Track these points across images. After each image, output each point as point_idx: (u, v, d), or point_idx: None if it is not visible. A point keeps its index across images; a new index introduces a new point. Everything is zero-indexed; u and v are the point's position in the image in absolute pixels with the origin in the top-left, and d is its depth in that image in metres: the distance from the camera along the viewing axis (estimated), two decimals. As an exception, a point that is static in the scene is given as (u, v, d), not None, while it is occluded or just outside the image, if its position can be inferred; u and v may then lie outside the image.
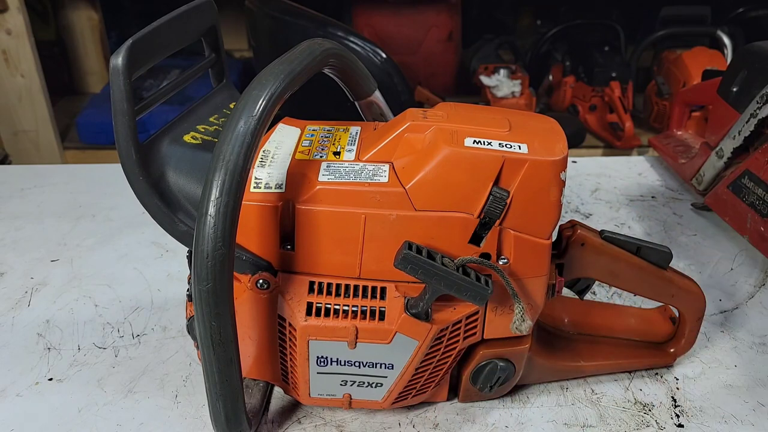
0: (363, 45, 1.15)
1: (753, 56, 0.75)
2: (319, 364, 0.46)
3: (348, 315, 0.45)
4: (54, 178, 0.91)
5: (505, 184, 0.43)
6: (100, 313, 0.64)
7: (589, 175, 0.94)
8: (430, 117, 0.45)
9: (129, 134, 0.41)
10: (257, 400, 0.51)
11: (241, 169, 0.37)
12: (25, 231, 0.78)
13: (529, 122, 0.47)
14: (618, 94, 1.87)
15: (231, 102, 0.53)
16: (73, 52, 2.17)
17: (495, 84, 1.95)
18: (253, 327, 0.47)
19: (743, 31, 2.01)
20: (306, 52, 0.43)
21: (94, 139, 1.88)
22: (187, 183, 0.45)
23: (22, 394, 0.54)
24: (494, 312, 0.47)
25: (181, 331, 0.61)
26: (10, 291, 0.67)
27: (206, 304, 0.38)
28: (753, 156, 0.71)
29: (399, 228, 0.43)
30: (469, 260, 0.43)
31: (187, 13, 0.46)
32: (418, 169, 0.43)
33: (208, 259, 0.37)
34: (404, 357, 0.46)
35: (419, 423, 0.52)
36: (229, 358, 0.41)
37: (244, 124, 0.38)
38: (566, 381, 0.56)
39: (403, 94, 1.24)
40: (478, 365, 0.50)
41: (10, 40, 1.69)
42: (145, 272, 0.71)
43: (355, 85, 0.54)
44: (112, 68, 0.40)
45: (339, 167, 0.44)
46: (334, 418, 0.52)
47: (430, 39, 2.08)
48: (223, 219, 0.37)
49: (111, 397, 0.54)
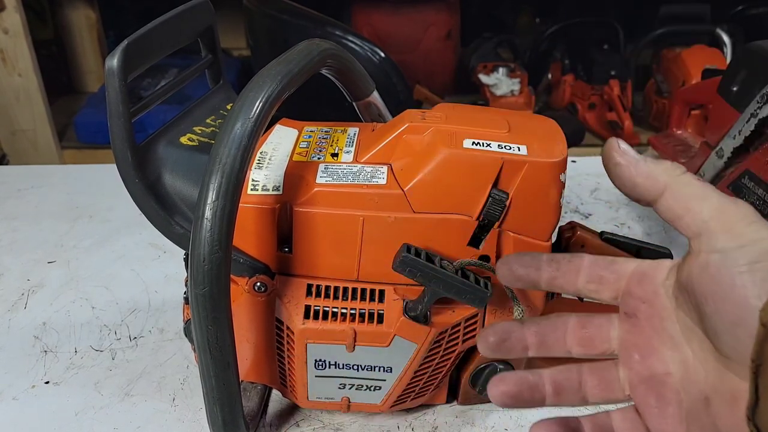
0: (361, 44, 1.15)
1: (753, 55, 0.74)
2: (317, 368, 0.46)
3: (346, 318, 0.44)
4: (51, 178, 0.91)
5: (504, 185, 0.42)
6: (97, 315, 0.64)
7: (589, 174, 0.94)
8: (429, 118, 0.45)
9: (125, 136, 0.41)
10: (255, 404, 0.51)
11: (238, 172, 0.37)
12: (22, 232, 0.78)
13: (529, 123, 0.46)
14: (617, 92, 1.87)
15: (228, 103, 0.53)
16: (71, 51, 2.16)
17: (494, 82, 1.95)
18: (250, 330, 0.46)
19: (743, 29, 2.00)
20: (304, 52, 0.43)
21: (92, 138, 1.88)
22: (183, 185, 0.45)
23: (18, 397, 0.54)
24: (494, 314, 0.47)
25: (178, 333, 0.61)
26: (6, 293, 0.67)
27: (203, 308, 0.38)
28: (753, 156, 0.70)
29: (397, 230, 0.43)
30: (468, 263, 0.43)
31: (183, 14, 0.45)
32: (416, 170, 0.43)
33: (205, 263, 0.37)
34: (403, 360, 0.46)
35: (418, 426, 0.51)
36: (227, 361, 0.41)
37: (240, 126, 0.37)
38: (566, 383, 0.56)
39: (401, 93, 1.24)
40: (478, 368, 0.49)
41: (8, 39, 1.69)
42: (143, 274, 0.70)
43: (353, 86, 0.54)
44: (107, 70, 0.39)
45: (337, 169, 0.44)
46: (332, 421, 0.52)
47: (429, 37, 2.07)
48: (219, 222, 0.37)
49: (108, 400, 0.54)
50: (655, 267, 0.34)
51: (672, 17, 2.00)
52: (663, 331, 0.33)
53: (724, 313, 0.28)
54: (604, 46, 2.03)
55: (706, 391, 0.30)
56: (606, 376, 0.35)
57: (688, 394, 0.31)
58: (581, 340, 0.36)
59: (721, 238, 0.29)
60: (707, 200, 0.30)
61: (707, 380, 0.30)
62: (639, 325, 0.34)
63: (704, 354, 0.30)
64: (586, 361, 0.36)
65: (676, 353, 0.32)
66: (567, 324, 0.36)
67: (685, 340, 0.32)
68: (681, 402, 0.32)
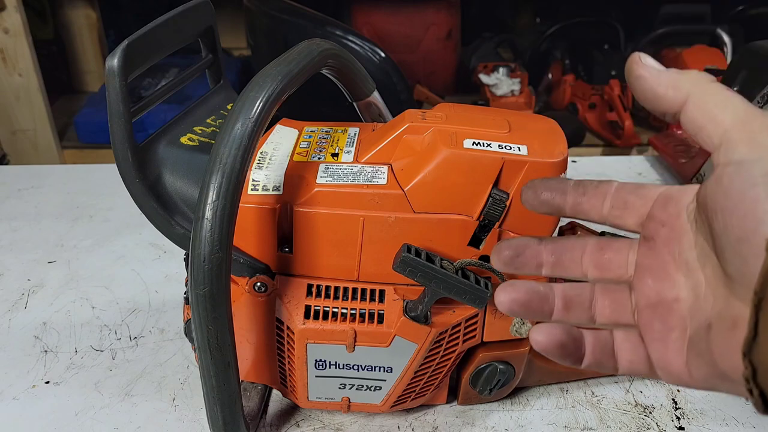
0: (362, 44, 1.15)
1: (753, 56, 0.74)
2: (317, 368, 0.46)
3: (346, 318, 0.44)
4: (51, 178, 0.91)
5: (504, 185, 0.42)
6: (97, 315, 0.64)
7: (589, 174, 0.93)
8: (429, 118, 0.45)
9: (125, 136, 0.41)
10: (255, 404, 0.51)
11: (238, 172, 0.37)
12: (22, 232, 0.78)
13: (529, 123, 0.46)
14: (617, 92, 1.87)
15: (228, 103, 0.53)
16: (71, 50, 2.16)
17: (494, 82, 1.95)
18: (250, 330, 0.46)
19: (743, 29, 2.01)
20: (304, 52, 0.43)
21: (93, 138, 1.88)
22: (183, 185, 0.45)
23: (18, 397, 0.54)
24: (494, 315, 0.47)
25: (178, 333, 0.61)
26: (6, 293, 0.67)
27: (203, 308, 0.38)
28: (754, 156, 0.70)
29: (398, 230, 0.43)
30: (469, 263, 0.43)
31: (184, 14, 0.45)
32: (416, 170, 0.43)
33: (205, 263, 0.37)
34: (403, 360, 0.46)
35: (418, 426, 0.51)
36: (227, 362, 0.40)
37: (241, 126, 0.37)
38: (566, 383, 0.56)
39: (402, 93, 1.24)
40: (478, 368, 0.49)
41: (8, 39, 1.69)
42: (143, 274, 0.70)
43: (354, 86, 0.54)
44: (108, 70, 0.39)
45: (337, 169, 0.44)
46: (332, 422, 0.52)
47: (430, 37, 2.07)
48: (220, 222, 0.37)
49: (108, 400, 0.53)
50: (683, 191, 0.32)
51: (672, 17, 2.00)
52: (679, 255, 0.31)
53: (731, 229, 0.26)
54: (605, 46, 2.03)
55: (710, 318, 0.29)
56: (618, 298, 0.34)
57: (694, 321, 0.30)
58: (598, 262, 0.34)
59: (740, 148, 0.27)
60: (732, 109, 0.28)
61: (714, 307, 0.29)
62: (656, 249, 0.32)
63: (716, 281, 0.29)
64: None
65: (689, 279, 0.30)
66: (585, 246, 0.35)
67: (699, 265, 0.30)
68: (685, 329, 0.30)
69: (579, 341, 0.34)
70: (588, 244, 0.35)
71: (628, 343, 0.33)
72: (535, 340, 0.33)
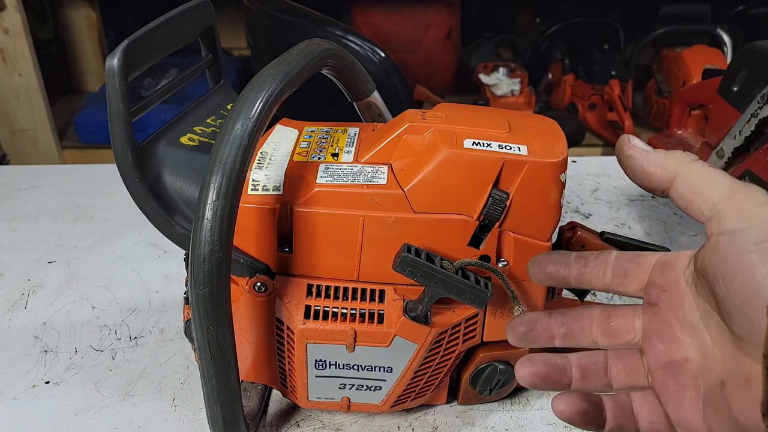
0: (362, 44, 1.14)
1: (754, 55, 0.74)
2: (317, 368, 0.46)
3: (346, 318, 0.44)
4: (51, 178, 0.91)
5: (504, 185, 0.42)
6: (97, 315, 0.64)
7: (589, 174, 0.93)
8: (429, 118, 0.45)
9: (125, 136, 0.41)
10: (255, 404, 0.51)
11: (238, 172, 0.37)
12: (22, 232, 0.78)
13: (529, 123, 0.46)
14: (617, 92, 1.87)
15: (228, 103, 0.53)
16: (71, 50, 2.16)
17: (494, 82, 1.95)
18: (250, 330, 0.46)
19: (743, 29, 2.01)
20: (304, 52, 0.43)
21: (93, 138, 1.88)
22: (183, 185, 0.45)
23: (18, 397, 0.54)
24: (494, 315, 0.47)
25: (178, 333, 0.61)
26: (6, 293, 0.67)
27: (203, 308, 0.38)
28: (754, 156, 0.70)
29: (398, 230, 0.43)
30: (469, 263, 0.43)
31: (184, 14, 0.45)
32: (417, 170, 0.43)
33: (205, 263, 0.37)
34: (403, 360, 0.45)
35: (418, 426, 0.51)
36: (227, 362, 0.40)
37: (241, 126, 0.37)
38: (566, 383, 0.56)
39: (402, 93, 1.24)
40: (478, 368, 0.49)
41: (8, 39, 1.69)
42: (143, 274, 0.70)
43: (354, 86, 0.54)
44: (108, 70, 0.39)
45: (337, 169, 0.44)
46: (332, 422, 0.52)
47: (430, 37, 2.08)
48: (219, 222, 0.37)
49: (108, 400, 0.53)
50: (677, 256, 0.34)
51: (672, 17, 2.00)
52: (683, 318, 0.33)
53: (734, 293, 0.28)
54: (605, 46, 2.03)
55: (722, 375, 0.30)
56: (631, 362, 0.36)
57: (705, 379, 0.32)
58: (607, 330, 0.36)
59: (731, 219, 0.29)
60: (718, 184, 0.31)
61: (724, 364, 0.30)
62: (660, 313, 0.34)
63: (722, 339, 0.31)
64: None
65: (696, 339, 0.32)
66: (593, 315, 0.37)
67: (704, 326, 0.32)
68: (699, 387, 0.32)
69: (600, 407, 0.35)
70: (595, 312, 0.37)
71: (646, 404, 0.35)
72: (558, 410, 0.35)
